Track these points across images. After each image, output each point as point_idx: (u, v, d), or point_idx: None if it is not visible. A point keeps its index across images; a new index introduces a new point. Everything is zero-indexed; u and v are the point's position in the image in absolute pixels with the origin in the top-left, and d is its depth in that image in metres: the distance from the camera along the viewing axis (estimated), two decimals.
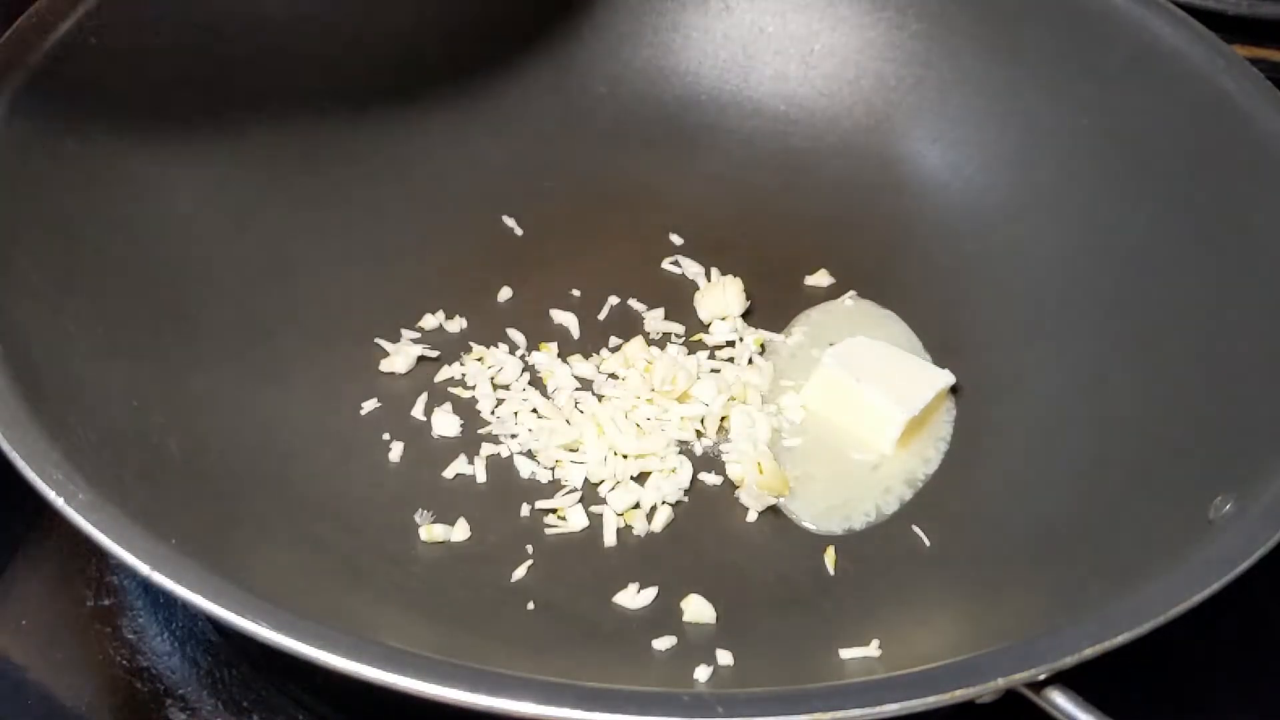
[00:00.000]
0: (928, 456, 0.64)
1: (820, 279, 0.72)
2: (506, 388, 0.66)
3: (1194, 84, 0.66)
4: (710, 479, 0.63)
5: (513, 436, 0.64)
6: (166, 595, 0.47)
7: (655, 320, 0.70)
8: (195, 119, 0.67)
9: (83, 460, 0.48)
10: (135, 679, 0.57)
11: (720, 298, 0.70)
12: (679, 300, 0.71)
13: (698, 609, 0.57)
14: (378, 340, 0.67)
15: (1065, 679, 0.44)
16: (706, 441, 0.65)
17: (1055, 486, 0.60)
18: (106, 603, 0.59)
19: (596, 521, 0.61)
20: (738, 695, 0.43)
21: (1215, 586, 0.46)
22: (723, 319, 0.70)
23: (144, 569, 0.44)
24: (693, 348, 0.69)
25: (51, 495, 0.46)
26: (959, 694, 0.42)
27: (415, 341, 0.68)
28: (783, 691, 0.43)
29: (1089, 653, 0.44)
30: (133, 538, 0.45)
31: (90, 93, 0.62)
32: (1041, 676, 0.44)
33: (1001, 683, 0.43)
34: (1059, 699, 0.44)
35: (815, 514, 0.62)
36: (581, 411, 0.65)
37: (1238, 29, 0.81)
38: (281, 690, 0.57)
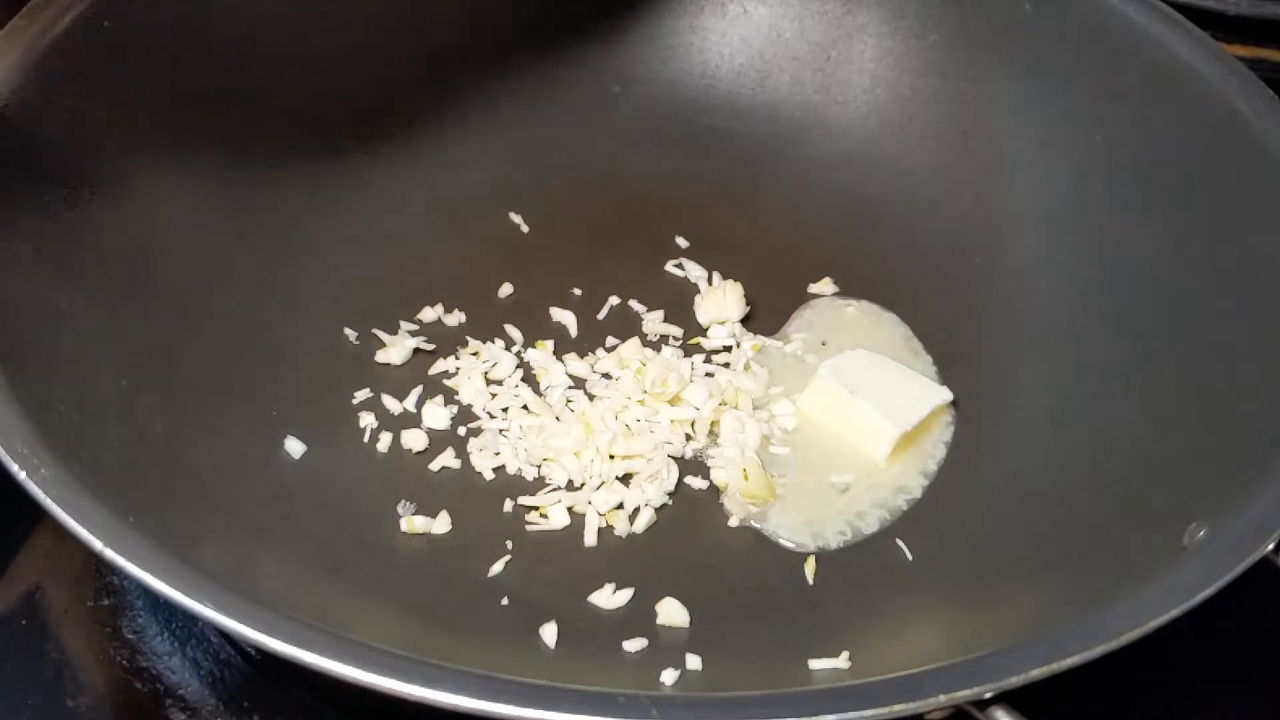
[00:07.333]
0: (906, 484, 0.63)
1: (824, 287, 0.72)
2: (499, 383, 0.66)
3: (1208, 103, 0.64)
4: (696, 483, 0.63)
5: (501, 432, 0.64)
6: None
7: (654, 322, 0.70)
8: (203, 106, 0.67)
9: (54, 436, 0.49)
10: (135, 679, 0.57)
11: (719, 302, 0.69)
12: (680, 303, 0.71)
13: (672, 612, 0.57)
14: (375, 331, 0.68)
15: (1013, 699, 0.43)
16: (696, 445, 0.64)
17: (1044, 507, 0.60)
18: (106, 603, 0.59)
19: (578, 520, 0.61)
20: (675, 699, 0.42)
21: (1173, 613, 0.45)
22: (721, 323, 0.69)
23: (97, 544, 0.45)
24: (689, 351, 0.68)
25: (15, 469, 0.47)
26: (897, 709, 0.42)
27: (413, 334, 0.68)
28: (718, 698, 0.42)
29: (1036, 674, 0.43)
30: (89, 513, 0.45)
31: (98, 75, 0.63)
32: (987, 695, 0.43)
33: (943, 699, 0.42)
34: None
35: (788, 527, 0.61)
36: (572, 410, 0.65)
37: (1238, 29, 0.80)
38: (281, 690, 0.57)
